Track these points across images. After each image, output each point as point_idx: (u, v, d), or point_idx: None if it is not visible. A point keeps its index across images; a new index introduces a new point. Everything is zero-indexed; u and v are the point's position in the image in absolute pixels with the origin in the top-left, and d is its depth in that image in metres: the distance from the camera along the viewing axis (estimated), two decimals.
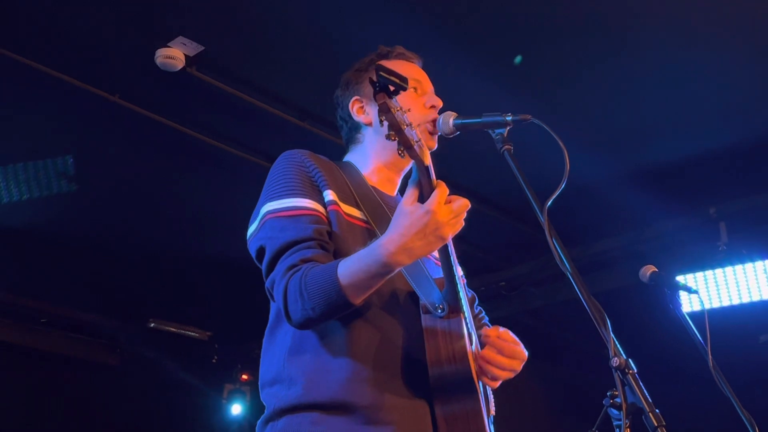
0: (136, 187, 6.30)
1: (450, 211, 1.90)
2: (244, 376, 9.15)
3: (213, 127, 5.48)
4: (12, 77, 4.82)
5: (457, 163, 5.52)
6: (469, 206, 1.94)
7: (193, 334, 8.93)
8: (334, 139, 5.06)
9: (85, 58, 4.74)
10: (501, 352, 2.16)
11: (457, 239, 2.65)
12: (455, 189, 2.01)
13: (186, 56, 4.67)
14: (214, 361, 9.18)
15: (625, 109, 5.28)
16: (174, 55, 4.63)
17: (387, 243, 1.91)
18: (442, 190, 1.90)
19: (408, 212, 1.89)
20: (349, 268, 1.93)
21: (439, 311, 2.06)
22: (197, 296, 8.24)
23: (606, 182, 5.99)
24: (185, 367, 8.89)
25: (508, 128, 2.20)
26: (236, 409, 9.03)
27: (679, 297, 3.30)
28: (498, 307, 7.32)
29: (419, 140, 1.87)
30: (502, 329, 2.23)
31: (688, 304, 5.60)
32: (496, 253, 7.31)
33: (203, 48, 4.63)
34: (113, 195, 6.43)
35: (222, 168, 5.83)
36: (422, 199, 1.91)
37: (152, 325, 8.62)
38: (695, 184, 6.00)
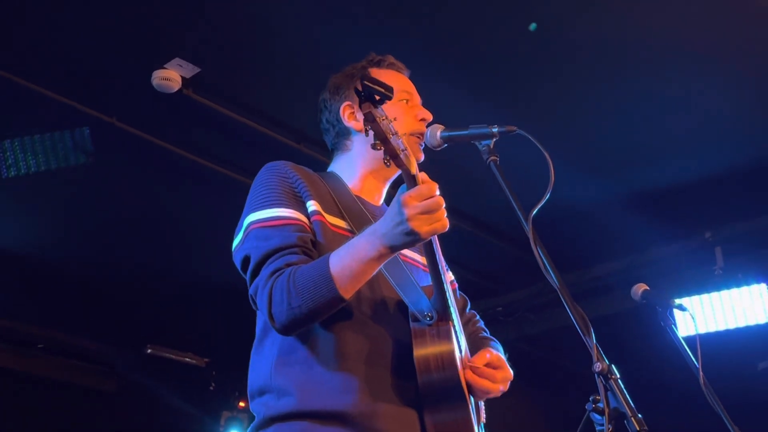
0: (134, 211, 6.32)
1: (416, 204, 1.86)
2: (242, 404, 9.09)
3: (209, 149, 5.51)
4: (9, 98, 4.86)
5: (454, 189, 5.51)
6: (434, 191, 1.88)
7: (190, 360, 8.90)
8: (330, 162, 5.09)
9: (82, 81, 4.79)
10: (491, 380, 2.16)
11: (454, 264, 2.67)
12: (453, 214, 2.01)
13: (182, 78, 4.72)
14: (211, 388, 9.14)
15: (620, 135, 5.33)
16: (170, 76, 4.67)
17: (373, 228, 1.94)
18: (422, 187, 1.87)
19: (391, 205, 1.91)
20: (339, 256, 1.95)
21: (428, 319, 2.06)
22: (195, 322, 8.24)
23: (602, 207, 6.02)
24: (182, 394, 8.85)
25: (494, 140, 2.21)
26: None
27: (672, 315, 3.29)
28: (494, 333, 7.25)
29: (405, 149, 1.88)
30: (489, 354, 2.21)
31: (684, 328, 5.59)
32: (492, 279, 7.32)
33: (199, 70, 4.68)
34: (110, 218, 6.45)
35: (219, 191, 5.84)
36: None
37: (149, 351, 8.59)
38: (691, 208, 6.02)
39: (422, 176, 1.92)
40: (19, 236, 6.70)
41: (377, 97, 1.83)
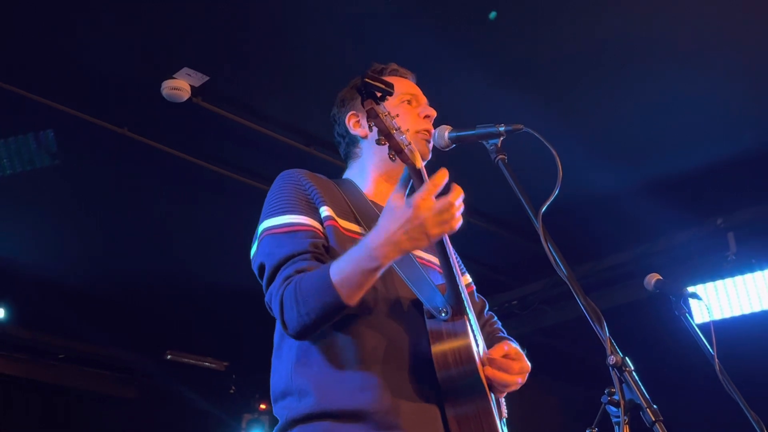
0: (148, 219, 6.37)
1: (431, 207, 1.90)
2: (263, 406, 9.14)
3: (221, 156, 5.55)
4: (20, 112, 4.92)
5: (466, 183, 5.54)
6: (456, 202, 1.93)
7: (210, 364, 8.96)
8: (341, 164, 5.10)
9: (93, 92, 4.83)
10: (508, 371, 2.19)
11: (468, 259, 2.69)
12: (465, 208, 2.02)
13: (192, 87, 4.76)
14: (231, 391, 9.19)
15: (632, 125, 5.33)
16: (180, 86, 4.71)
17: (374, 237, 1.94)
18: (431, 185, 1.90)
19: (393, 207, 1.92)
20: (339, 268, 1.97)
21: (443, 314, 2.09)
22: (213, 327, 8.27)
23: (614, 197, 6.02)
24: (203, 398, 8.91)
25: (501, 138, 2.23)
26: None
27: (686, 304, 3.30)
28: (510, 326, 7.25)
29: (410, 144, 1.91)
30: (506, 347, 2.24)
31: (698, 315, 5.60)
32: (507, 272, 7.33)
33: (208, 78, 4.72)
34: (125, 227, 6.50)
35: (232, 196, 5.89)
36: None
37: (169, 356, 8.66)
38: (702, 195, 6.02)
39: (441, 173, 1.92)
40: (34, 247, 6.76)
41: (378, 94, 1.88)
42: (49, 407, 8.32)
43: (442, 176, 1.91)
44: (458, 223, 1.95)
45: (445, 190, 1.95)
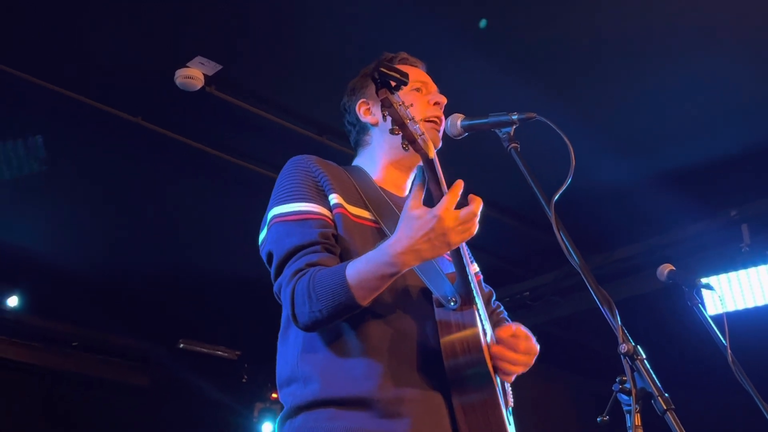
0: (161, 208, 6.40)
1: (456, 217, 1.92)
2: (275, 395, 9.14)
3: (234, 146, 5.56)
4: (35, 101, 4.94)
5: (477, 173, 5.55)
6: (478, 213, 1.95)
7: (222, 353, 8.99)
8: (353, 153, 5.11)
9: (107, 81, 4.85)
10: (514, 349, 2.19)
11: (480, 250, 2.69)
12: None
13: (205, 76, 4.77)
14: (243, 380, 9.22)
15: (645, 116, 5.30)
16: (193, 75, 4.72)
17: (394, 244, 1.94)
18: (452, 196, 1.92)
19: (415, 216, 1.92)
20: (357, 270, 1.97)
21: (452, 304, 2.09)
22: (226, 316, 8.31)
23: (628, 188, 6.00)
24: (215, 387, 8.93)
25: (514, 127, 2.23)
26: (267, 427, 9.02)
27: (699, 294, 3.29)
28: (522, 317, 7.29)
29: (423, 134, 1.91)
30: (514, 327, 2.24)
31: (712, 306, 5.58)
32: (519, 263, 7.32)
33: (221, 67, 4.73)
34: (138, 216, 6.53)
35: (244, 186, 5.90)
36: (428, 195, 1.96)
37: (182, 345, 8.70)
38: (716, 187, 5.98)
39: (458, 184, 1.93)
40: (48, 236, 6.80)
41: (393, 83, 1.88)
42: (63, 395, 8.37)
43: (459, 186, 1.93)
44: (475, 229, 1.97)
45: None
